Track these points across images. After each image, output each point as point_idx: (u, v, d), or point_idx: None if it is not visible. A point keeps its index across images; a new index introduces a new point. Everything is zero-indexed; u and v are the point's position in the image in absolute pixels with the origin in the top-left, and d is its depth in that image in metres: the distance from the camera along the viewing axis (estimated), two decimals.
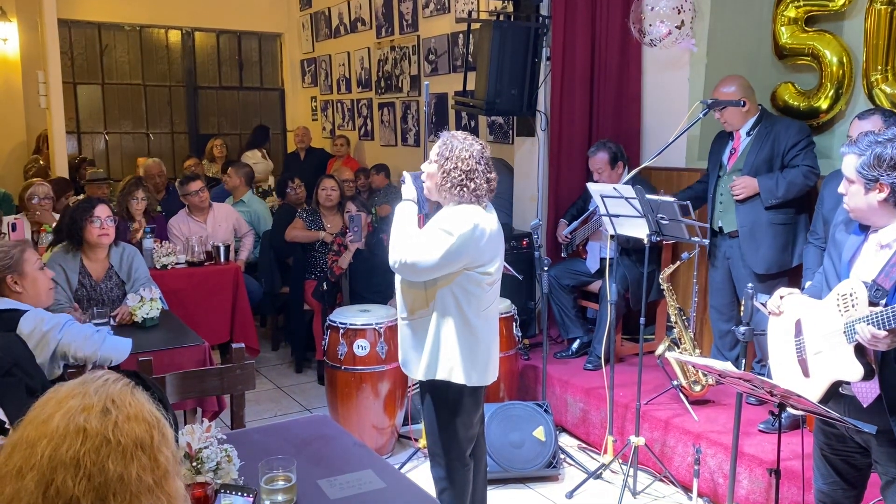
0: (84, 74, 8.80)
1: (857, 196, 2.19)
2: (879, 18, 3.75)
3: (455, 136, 2.70)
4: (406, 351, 2.83)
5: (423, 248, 2.60)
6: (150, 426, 1.15)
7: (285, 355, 5.80)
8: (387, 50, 7.70)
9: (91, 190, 5.93)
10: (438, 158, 2.67)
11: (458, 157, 2.64)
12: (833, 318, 2.21)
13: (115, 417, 1.11)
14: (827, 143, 4.07)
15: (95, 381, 1.17)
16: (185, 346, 3.44)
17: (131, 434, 1.12)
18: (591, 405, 4.10)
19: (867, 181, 2.15)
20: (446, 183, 2.65)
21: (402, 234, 2.71)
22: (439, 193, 2.71)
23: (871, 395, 2.18)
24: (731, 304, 4.00)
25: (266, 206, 6.47)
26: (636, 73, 4.83)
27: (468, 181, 2.63)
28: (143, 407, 1.16)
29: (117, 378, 1.19)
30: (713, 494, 3.47)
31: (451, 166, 2.64)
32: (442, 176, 2.65)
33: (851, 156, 2.20)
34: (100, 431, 1.09)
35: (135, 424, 1.13)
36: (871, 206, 2.17)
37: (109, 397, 1.14)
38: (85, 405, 1.12)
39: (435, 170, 2.69)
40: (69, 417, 1.10)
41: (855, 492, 2.43)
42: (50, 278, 3.08)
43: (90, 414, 1.11)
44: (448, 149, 2.66)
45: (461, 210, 2.65)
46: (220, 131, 9.37)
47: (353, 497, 2.02)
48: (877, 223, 2.20)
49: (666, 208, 3.43)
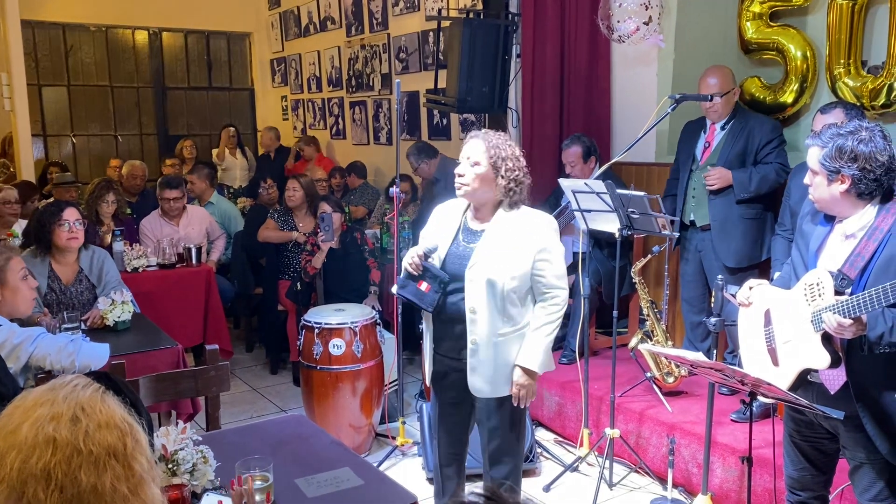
0: (49, 76, 8.65)
1: (821, 187, 2.23)
2: (841, 13, 3.82)
3: (496, 136, 2.67)
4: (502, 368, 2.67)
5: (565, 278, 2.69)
6: (123, 433, 1.11)
7: (260, 357, 5.76)
8: (357, 48, 7.68)
9: (59, 193, 5.84)
10: (494, 160, 2.61)
11: (513, 155, 2.64)
12: (801, 307, 2.26)
13: (85, 426, 1.07)
14: (793, 136, 4.14)
15: (64, 387, 1.12)
16: (158, 349, 3.42)
17: (103, 443, 1.08)
18: (567, 399, 4.14)
19: (830, 172, 2.19)
20: (503, 181, 2.61)
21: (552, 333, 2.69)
22: (494, 194, 2.65)
23: (837, 383, 2.23)
24: (703, 297, 4.05)
25: (234, 207, 6.43)
26: (605, 70, 4.87)
27: (525, 177, 2.66)
28: (114, 413, 1.12)
29: (87, 383, 1.14)
30: (687, 484, 3.52)
31: (511, 165, 2.62)
32: (505, 176, 2.61)
33: (815, 148, 2.24)
34: (70, 441, 1.05)
35: (106, 432, 1.09)
36: (833, 197, 2.21)
37: (79, 405, 1.09)
38: (54, 414, 1.07)
39: (488, 170, 2.61)
40: (38, 427, 1.06)
41: (824, 477, 2.48)
42: (33, 288, 3.02)
43: (59, 423, 1.06)
44: (499, 148, 2.62)
45: (539, 217, 2.68)
46: (189, 132, 9.26)
47: (331, 495, 2.02)
48: (841, 213, 2.25)
49: (636, 203, 3.47)
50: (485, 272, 2.59)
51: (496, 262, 2.59)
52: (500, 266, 2.59)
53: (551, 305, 2.65)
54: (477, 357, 2.65)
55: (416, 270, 2.66)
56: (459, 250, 2.69)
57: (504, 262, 2.59)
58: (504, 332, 2.63)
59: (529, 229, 2.63)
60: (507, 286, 2.59)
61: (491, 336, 2.62)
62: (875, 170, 2.14)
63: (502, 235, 2.62)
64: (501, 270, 2.59)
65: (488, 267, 2.59)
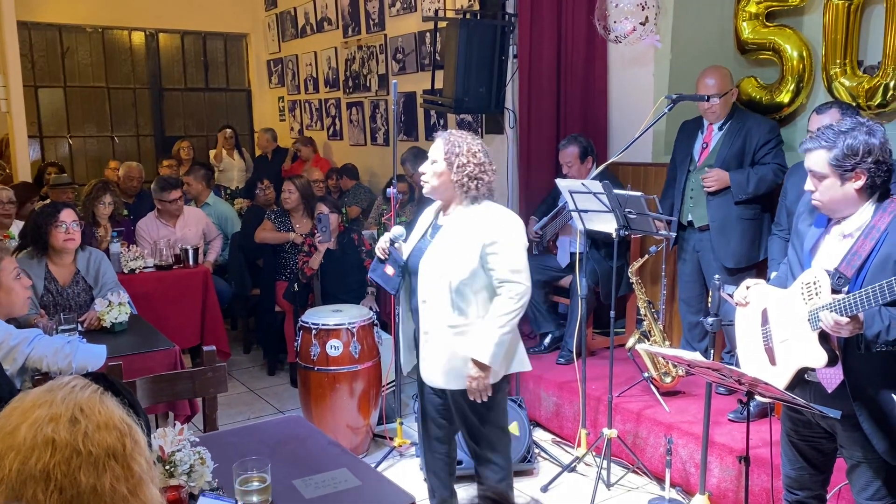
0: (45, 77, 8.63)
1: (833, 189, 2.18)
2: (837, 13, 3.83)
3: (457, 134, 2.74)
4: (456, 360, 2.70)
5: (523, 272, 2.67)
6: (122, 434, 1.10)
7: (257, 358, 5.75)
8: (354, 49, 7.67)
9: (55, 195, 5.83)
10: (448, 156, 2.69)
11: (469, 151, 2.69)
12: (798, 306, 2.26)
13: (84, 427, 1.07)
14: (789, 136, 4.14)
15: (63, 388, 1.12)
16: (156, 350, 3.42)
17: (102, 443, 1.07)
18: (564, 399, 4.14)
19: (844, 172, 2.15)
20: (462, 178, 2.68)
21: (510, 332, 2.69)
22: (453, 191, 2.72)
23: (834, 381, 2.23)
24: (700, 297, 4.06)
25: (231, 208, 6.42)
26: (602, 70, 4.87)
27: (482, 174, 2.69)
28: (113, 414, 1.11)
29: (85, 384, 1.14)
30: (685, 483, 3.52)
31: (464, 161, 2.67)
32: (458, 171, 2.68)
33: (820, 151, 2.19)
34: (69, 442, 1.05)
35: (105, 433, 1.08)
36: (847, 196, 2.18)
37: (78, 405, 1.09)
38: (52, 415, 1.07)
39: (446, 168, 2.70)
40: (36, 428, 1.05)
41: (822, 476, 2.48)
42: (27, 287, 3.02)
43: (58, 424, 1.06)
44: (456, 146, 2.70)
45: (495, 211, 2.70)
46: (186, 133, 9.24)
47: (329, 496, 2.02)
48: (845, 212, 2.22)
49: (633, 203, 3.47)
50: (435, 264, 2.71)
51: (447, 256, 2.69)
52: (450, 259, 2.68)
53: (507, 299, 2.66)
54: (428, 347, 2.76)
55: (384, 255, 2.83)
56: (424, 244, 2.81)
57: (454, 255, 2.67)
58: (455, 325, 2.70)
59: (480, 223, 2.68)
60: (457, 279, 2.66)
61: (442, 327, 2.71)
62: (887, 160, 2.14)
63: (456, 230, 2.71)
64: (451, 263, 2.67)
65: (439, 260, 2.70)
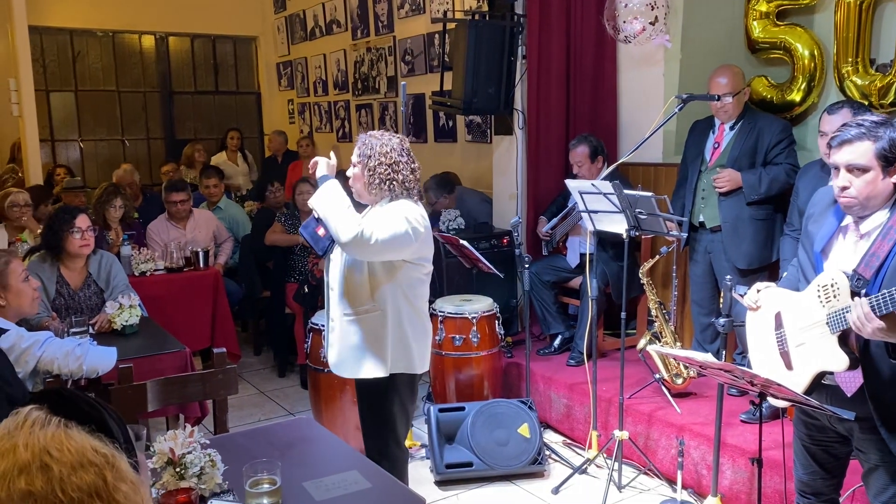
0: (57, 81, 8.69)
1: (874, 182, 2.13)
2: (849, 11, 3.80)
3: (372, 135, 2.76)
4: (346, 350, 2.79)
5: (380, 225, 2.59)
6: (100, 468, 1.01)
7: (267, 360, 5.77)
8: (363, 51, 7.68)
9: (68, 198, 5.86)
10: (360, 159, 2.73)
11: (379, 152, 2.70)
12: (814, 309, 2.22)
13: (58, 472, 0.98)
14: (801, 136, 4.11)
15: (20, 429, 1.02)
16: (166, 353, 3.43)
17: (82, 485, 0.99)
18: (575, 401, 4.12)
19: (888, 163, 2.12)
20: (374, 179, 2.70)
21: (348, 211, 2.64)
22: (369, 193, 2.75)
23: (854, 385, 2.20)
24: (712, 298, 4.03)
25: (243, 211, 6.44)
26: (611, 70, 4.86)
27: (395, 174, 2.69)
28: (84, 448, 1.02)
29: (44, 420, 1.04)
30: (697, 485, 3.50)
31: (375, 163, 2.69)
32: (368, 174, 2.70)
33: (866, 142, 2.13)
34: (48, 492, 0.97)
35: (82, 472, 0.99)
36: (886, 190, 2.14)
37: (44, 450, 1.00)
38: (20, 465, 0.98)
39: (360, 171, 2.73)
40: (8, 484, 0.97)
41: (835, 480, 2.46)
42: (35, 288, 3.04)
43: (30, 474, 0.97)
44: (368, 147, 2.72)
45: (403, 204, 2.70)
46: (196, 136, 9.28)
47: (339, 498, 2.01)
48: (874, 210, 2.17)
49: (644, 203, 3.45)
50: (337, 254, 2.80)
51: None
52: None
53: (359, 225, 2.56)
54: (331, 334, 2.84)
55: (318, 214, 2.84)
56: None
57: None
58: (348, 313, 2.76)
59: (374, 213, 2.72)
60: (347, 267, 2.74)
61: (340, 315, 2.79)
62: None
63: None
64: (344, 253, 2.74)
65: (339, 250, 2.77)
